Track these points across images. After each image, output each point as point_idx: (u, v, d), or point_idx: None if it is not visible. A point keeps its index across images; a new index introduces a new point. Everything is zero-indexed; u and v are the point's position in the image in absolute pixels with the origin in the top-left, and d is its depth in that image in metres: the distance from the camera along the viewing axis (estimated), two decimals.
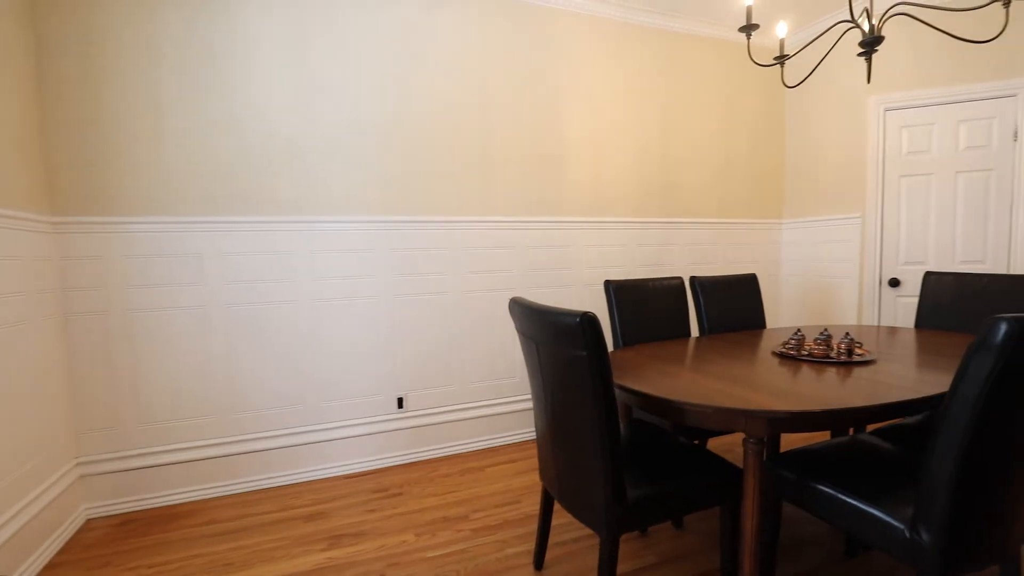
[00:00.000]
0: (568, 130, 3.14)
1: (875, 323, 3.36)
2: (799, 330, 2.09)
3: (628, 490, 1.46)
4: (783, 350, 2.04)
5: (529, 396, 3.14)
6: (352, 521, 2.23)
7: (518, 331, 1.70)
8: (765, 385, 1.59)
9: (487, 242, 2.95)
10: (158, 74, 2.32)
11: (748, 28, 1.89)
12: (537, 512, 2.26)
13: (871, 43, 1.82)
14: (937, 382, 1.57)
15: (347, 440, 2.71)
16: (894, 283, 3.30)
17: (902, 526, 1.31)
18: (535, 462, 2.79)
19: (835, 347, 1.97)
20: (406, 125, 2.74)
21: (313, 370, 2.63)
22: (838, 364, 1.85)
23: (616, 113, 3.27)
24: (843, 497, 1.44)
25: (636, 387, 1.60)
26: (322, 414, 2.67)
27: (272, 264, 2.53)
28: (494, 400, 3.04)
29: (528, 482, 2.56)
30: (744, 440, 1.46)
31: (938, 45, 3.12)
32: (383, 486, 2.55)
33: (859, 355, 1.91)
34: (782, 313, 3.93)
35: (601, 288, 3.30)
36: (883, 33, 1.87)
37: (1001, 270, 3.10)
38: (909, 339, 2.29)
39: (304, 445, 2.63)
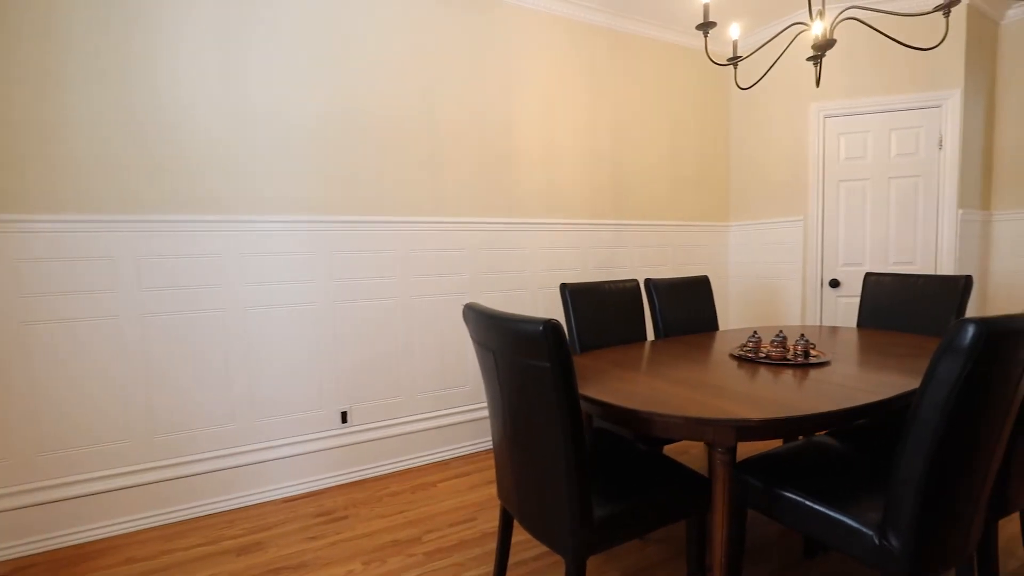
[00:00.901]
0: (520, 128, 3.05)
1: (818, 322, 3.47)
2: (755, 332, 2.08)
3: (595, 510, 1.37)
4: (741, 352, 2.03)
5: (483, 405, 3.01)
6: (291, 551, 2.03)
7: (473, 340, 1.58)
8: (730, 391, 1.55)
9: (436, 244, 2.80)
10: (65, 59, 2.03)
11: (705, 26, 1.86)
12: (495, 529, 2.14)
13: (823, 47, 1.83)
14: (894, 384, 1.58)
15: (286, 460, 2.48)
16: (834, 284, 3.41)
17: (871, 532, 1.28)
18: (490, 474, 2.67)
19: (791, 349, 1.97)
20: (348, 120, 2.56)
21: (246, 384, 2.40)
22: (795, 366, 1.85)
23: (568, 113, 3.22)
24: (811, 504, 1.41)
25: (600, 397, 1.51)
26: (257, 432, 2.43)
27: (198, 268, 2.28)
28: (445, 410, 2.90)
29: (484, 496, 2.43)
30: (712, 450, 1.40)
31: (872, 57, 3.26)
32: (326, 509, 2.35)
33: (815, 357, 1.92)
34: (730, 314, 4.01)
35: (556, 291, 3.22)
36: (815, 52, 1.90)
37: (929, 270, 3.28)
38: (855, 339, 2.34)
39: (237, 468, 2.39)
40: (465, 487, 2.53)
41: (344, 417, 2.62)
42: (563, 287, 2.46)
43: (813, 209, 3.42)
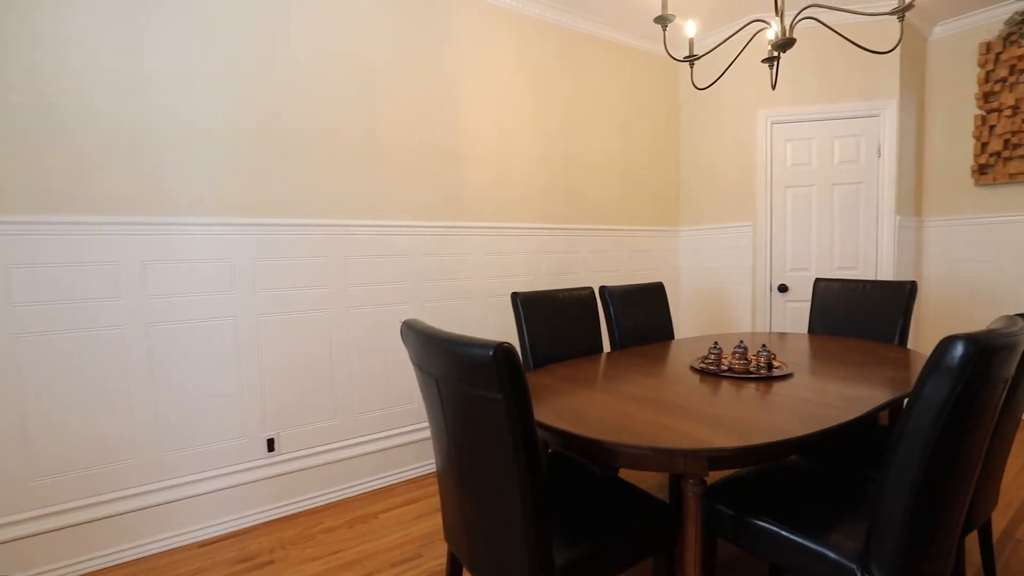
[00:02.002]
0: (467, 127, 2.86)
1: (767, 327, 3.48)
2: (716, 343, 1.99)
3: (555, 556, 1.20)
4: (703, 365, 1.93)
5: (428, 424, 2.79)
6: None
7: (414, 363, 1.37)
8: (697, 412, 1.42)
9: (375, 249, 2.56)
10: None
11: (663, 19, 1.75)
12: (443, 567, 1.93)
13: (784, 46, 1.75)
14: (861, 399, 1.50)
15: (201, 498, 2.17)
16: (783, 289, 3.43)
17: (852, 565, 1.18)
18: (437, 501, 2.45)
19: (753, 360, 1.89)
20: (274, 111, 2.29)
21: (151, 413, 2.07)
22: (759, 379, 1.76)
23: (517, 112, 3.06)
24: (788, 535, 1.30)
25: (559, 425, 1.35)
26: (165, 468, 2.11)
27: (91, 278, 1.95)
28: (386, 432, 2.65)
29: (430, 528, 2.21)
30: (682, 481, 1.26)
31: (815, 65, 3.30)
32: (249, 553, 2.06)
33: (777, 368, 1.84)
34: (682, 320, 3.97)
35: (506, 300, 3.05)
36: (776, 52, 1.84)
37: (870, 275, 3.34)
38: (811, 347, 2.30)
39: (141, 510, 2.05)
40: (410, 517, 2.31)
41: (271, 445, 2.33)
42: (514, 296, 2.29)
43: (762, 214, 3.42)
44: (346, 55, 2.45)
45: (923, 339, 3.64)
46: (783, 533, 1.31)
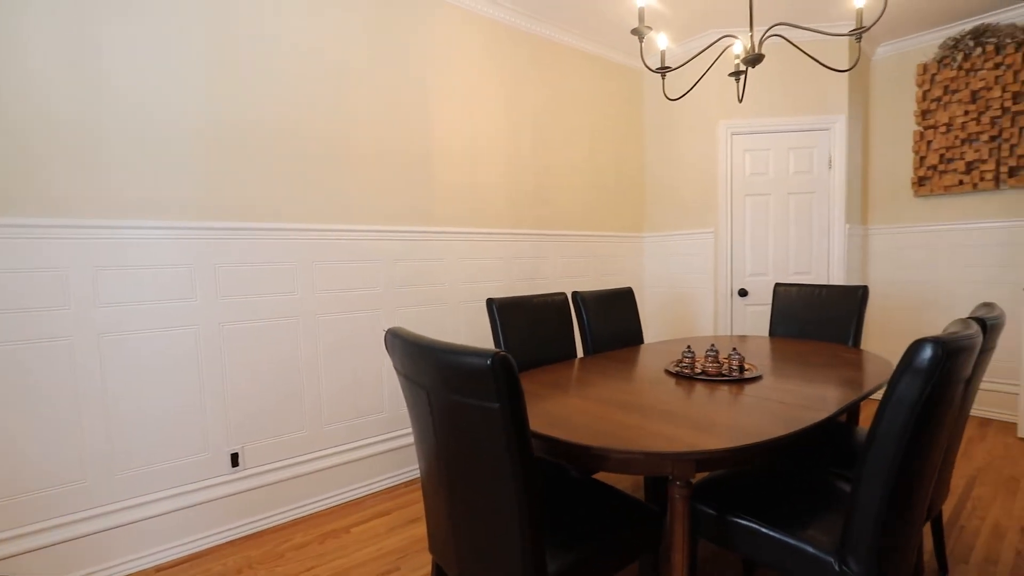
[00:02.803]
0: (439, 131, 2.83)
1: (729, 331, 3.60)
2: (689, 347, 2.04)
3: (548, 564, 1.20)
4: (678, 369, 1.97)
5: (402, 432, 2.73)
6: None
7: (399, 372, 1.34)
8: (679, 415, 1.45)
9: (345, 255, 2.50)
10: None
11: (639, 32, 1.79)
12: None
13: (753, 61, 1.83)
14: (831, 398, 1.58)
15: (160, 518, 2.04)
16: (743, 293, 3.57)
17: (831, 558, 1.23)
18: (411, 511, 2.40)
19: (725, 363, 1.95)
20: (237, 110, 2.19)
21: (103, 430, 1.93)
22: (732, 382, 1.82)
23: (489, 117, 3.06)
24: (769, 532, 1.34)
25: (547, 432, 1.35)
26: (120, 488, 1.97)
27: (35, 286, 1.80)
28: (357, 442, 2.58)
29: (406, 540, 2.16)
30: (670, 484, 1.28)
31: (772, 79, 3.46)
32: (213, 575, 1.96)
33: (748, 371, 1.91)
34: (647, 324, 4.06)
35: (479, 305, 3.03)
36: (743, 66, 1.93)
37: (823, 280, 3.52)
38: (775, 349, 2.40)
39: (93, 535, 1.91)
40: (384, 529, 2.25)
41: (235, 460, 2.22)
42: (490, 302, 2.28)
43: (723, 221, 3.55)
44: (318, 55, 2.39)
45: (870, 340, 3.87)
46: (763, 531, 1.35)
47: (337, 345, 2.49)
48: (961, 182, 3.42)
